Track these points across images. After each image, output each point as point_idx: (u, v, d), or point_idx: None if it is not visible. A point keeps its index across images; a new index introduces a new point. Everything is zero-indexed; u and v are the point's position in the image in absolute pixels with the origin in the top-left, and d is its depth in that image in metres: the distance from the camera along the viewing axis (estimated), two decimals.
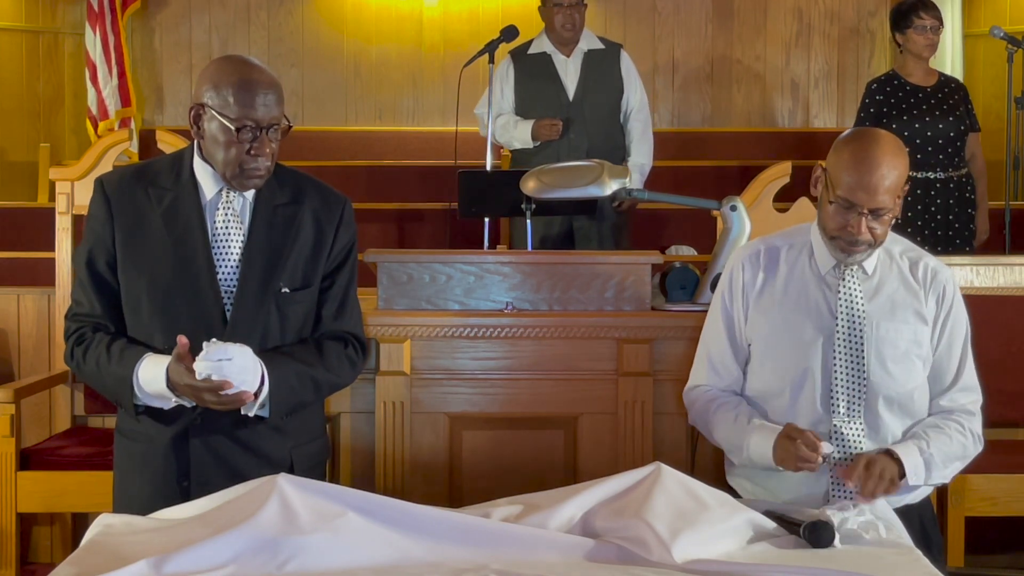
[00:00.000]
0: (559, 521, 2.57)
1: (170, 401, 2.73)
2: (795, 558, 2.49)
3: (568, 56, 5.62)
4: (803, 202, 4.34)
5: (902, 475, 2.75)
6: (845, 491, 2.79)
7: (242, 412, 2.73)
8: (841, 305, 2.84)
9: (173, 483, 2.80)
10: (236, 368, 2.65)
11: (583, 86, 5.60)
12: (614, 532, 2.52)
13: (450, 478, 3.39)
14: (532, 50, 5.67)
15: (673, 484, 2.63)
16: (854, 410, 2.81)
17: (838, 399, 2.81)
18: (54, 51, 7.59)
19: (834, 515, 2.61)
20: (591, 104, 5.58)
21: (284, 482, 2.50)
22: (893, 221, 2.80)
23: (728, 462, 3.02)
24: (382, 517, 2.49)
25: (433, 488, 3.34)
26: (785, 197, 4.16)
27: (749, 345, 2.94)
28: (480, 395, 3.39)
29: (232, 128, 2.71)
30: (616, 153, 5.55)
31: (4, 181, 7.31)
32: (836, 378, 2.81)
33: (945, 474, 2.85)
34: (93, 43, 7.28)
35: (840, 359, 2.81)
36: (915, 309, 2.87)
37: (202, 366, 2.62)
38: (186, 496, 2.72)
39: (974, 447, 2.91)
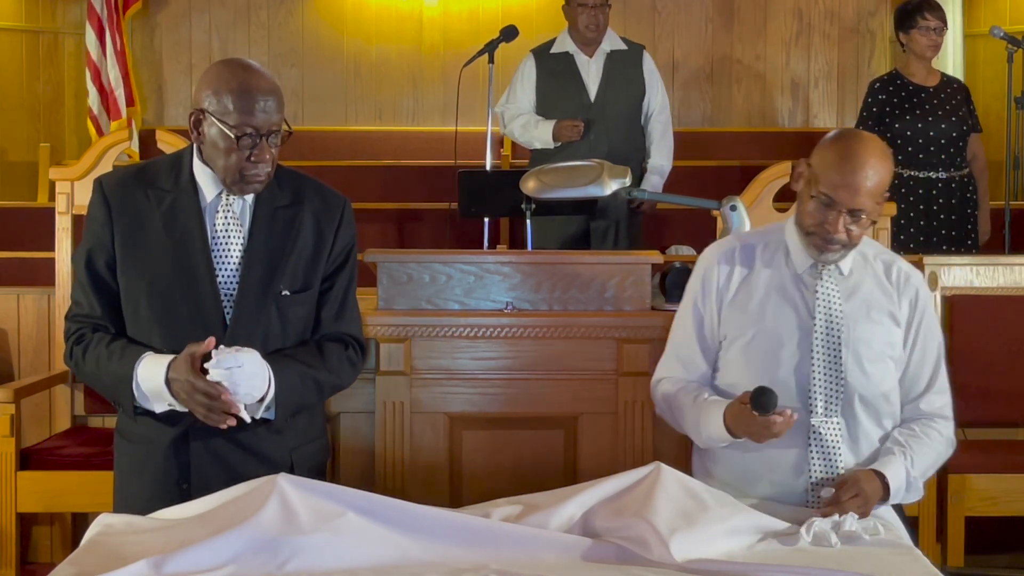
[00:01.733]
0: (559, 521, 2.57)
1: (164, 403, 2.72)
2: (795, 558, 2.49)
3: (590, 56, 5.60)
4: None
5: (886, 496, 2.78)
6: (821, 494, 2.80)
7: (248, 417, 2.72)
8: (819, 305, 2.84)
9: (173, 486, 2.79)
10: (246, 375, 2.65)
11: (604, 87, 5.58)
12: (614, 532, 2.52)
13: (450, 478, 3.39)
14: (555, 49, 5.64)
15: (673, 484, 2.63)
16: (832, 409, 2.82)
17: (816, 398, 2.81)
18: (54, 51, 7.59)
19: (827, 521, 2.62)
20: (612, 105, 5.56)
21: (284, 482, 2.50)
22: (870, 225, 2.81)
23: (701, 468, 3.00)
24: (382, 517, 2.49)
25: (433, 488, 3.34)
26: (785, 197, 4.16)
27: (721, 342, 2.93)
28: (480, 395, 3.39)
29: (232, 135, 2.70)
30: (636, 155, 5.54)
31: (4, 181, 7.31)
32: (814, 377, 2.82)
33: (919, 489, 2.86)
34: (93, 43, 7.28)
35: (818, 358, 2.82)
36: (889, 311, 2.89)
37: (215, 374, 2.63)
38: (186, 499, 2.71)
39: (947, 452, 2.94)
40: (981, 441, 4.36)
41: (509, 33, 5.48)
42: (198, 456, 2.79)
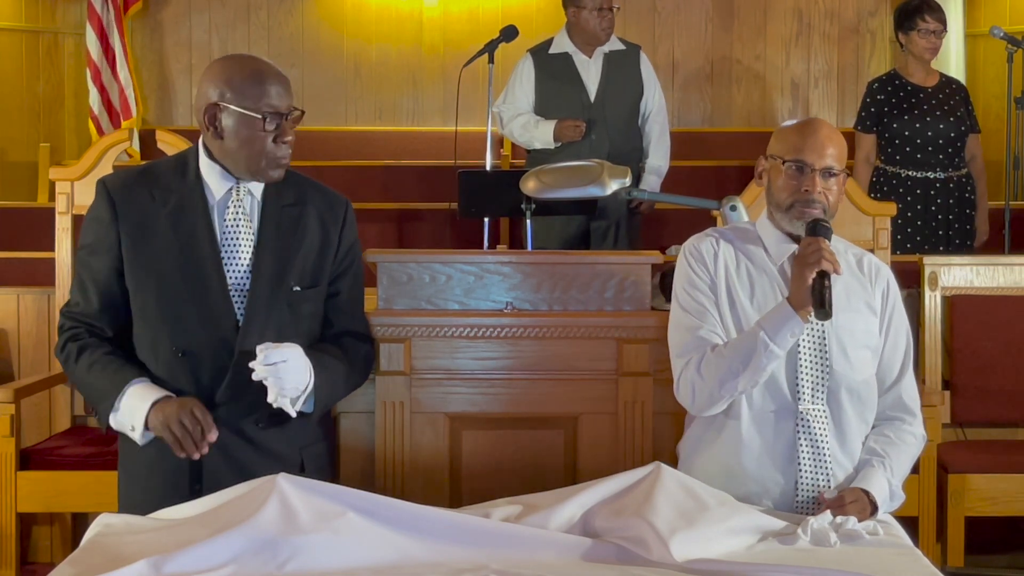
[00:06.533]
0: (559, 521, 2.58)
1: (128, 424, 2.73)
2: (795, 558, 2.49)
3: (589, 57, 5.59)
4: None
5: (874, 511, 2.78)
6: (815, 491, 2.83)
7: (288, 409, 2.72)
8: None
9: (186, 487, 2.79)
10: (292, 369, 2.69)
11: (604, 87, 5.57)
12: (614, 532, 2.52)
13: (450, 478, 3.39)
14: (553, 49, 5.62)
15: (673, 484, 2.63)
16: (818, 396, 2.85)
17: (803, 385, 2.84)
18: (54, 51, 7.58)
19: (827, 520, 2.62)
20: (612, 105, 5.55)
21: (284, 482, 2.50)
22: (843, 185, 2.89)
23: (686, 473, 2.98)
24: (382, 517, 2.49)
25: (433, 488, 3.34)
26: None
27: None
28: (480, 395, 3.39)
29: (258, 118, 2.73)
30: (635, 155, 5.54)
31: (4, 181, 7.31)
32: (801, 364, 2.84)
33: (901, 496, 2.88)
34: (94, 43, 7.28)
35: (805, 346, 2.84)
36: (866, 301, 2.93)
37: (260, 371, 2.65)
38: None
39: (920, 451, 2.98)
40: (981, 441, 4.37)
41: (509, 33, 5.47)
42: (211, 455, 2.78)
